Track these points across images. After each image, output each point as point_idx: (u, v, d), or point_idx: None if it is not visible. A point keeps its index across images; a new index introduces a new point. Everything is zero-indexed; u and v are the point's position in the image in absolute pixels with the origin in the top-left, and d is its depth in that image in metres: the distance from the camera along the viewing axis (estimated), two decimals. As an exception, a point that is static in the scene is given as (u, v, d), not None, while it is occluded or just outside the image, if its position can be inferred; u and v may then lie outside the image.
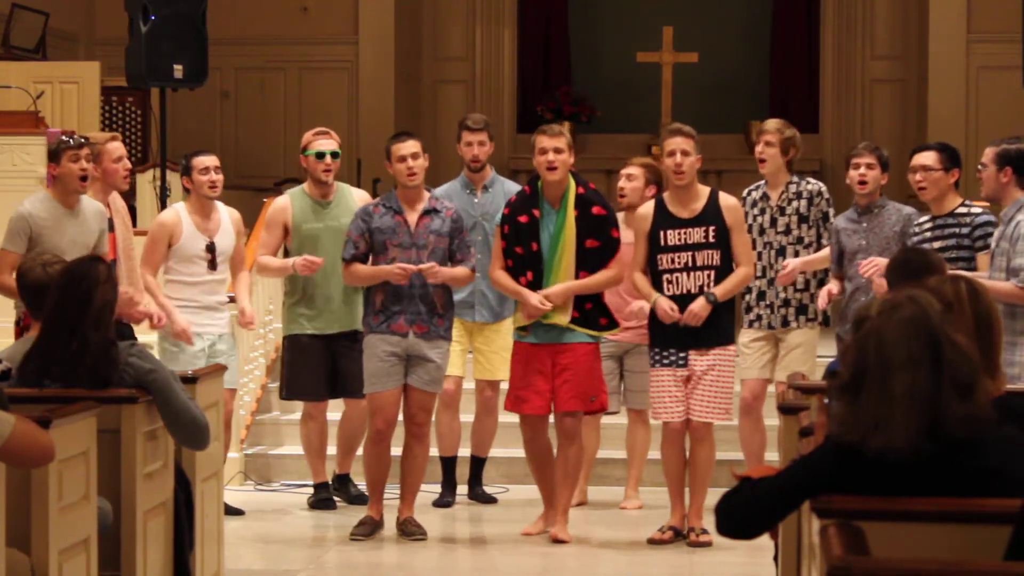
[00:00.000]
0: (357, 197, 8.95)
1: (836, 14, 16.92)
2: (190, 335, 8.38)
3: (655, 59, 15.98)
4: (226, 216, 8.71)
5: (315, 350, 8.77)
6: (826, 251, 8.37)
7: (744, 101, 16.77)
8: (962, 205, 7.65)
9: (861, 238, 8.18)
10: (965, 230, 7.56)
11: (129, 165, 8.38)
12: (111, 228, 8.22)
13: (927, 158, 7.70)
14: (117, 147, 8.28)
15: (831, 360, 6.06)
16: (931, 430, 3.53)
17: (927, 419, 3.53)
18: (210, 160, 8.60)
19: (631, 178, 8.75)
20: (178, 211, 8.67)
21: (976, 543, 3.43)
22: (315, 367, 8.77)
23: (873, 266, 7.69)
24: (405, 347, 8.01)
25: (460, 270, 8.08)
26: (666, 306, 7.86)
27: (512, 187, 9.04)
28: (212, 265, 8.58)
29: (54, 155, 7.89)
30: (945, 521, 3.46)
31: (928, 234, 7.68)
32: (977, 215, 7.59)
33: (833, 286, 8.20)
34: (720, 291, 7.87)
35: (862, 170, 8.20)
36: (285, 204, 8.89)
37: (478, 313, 8.82)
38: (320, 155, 8.79)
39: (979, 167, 7.33)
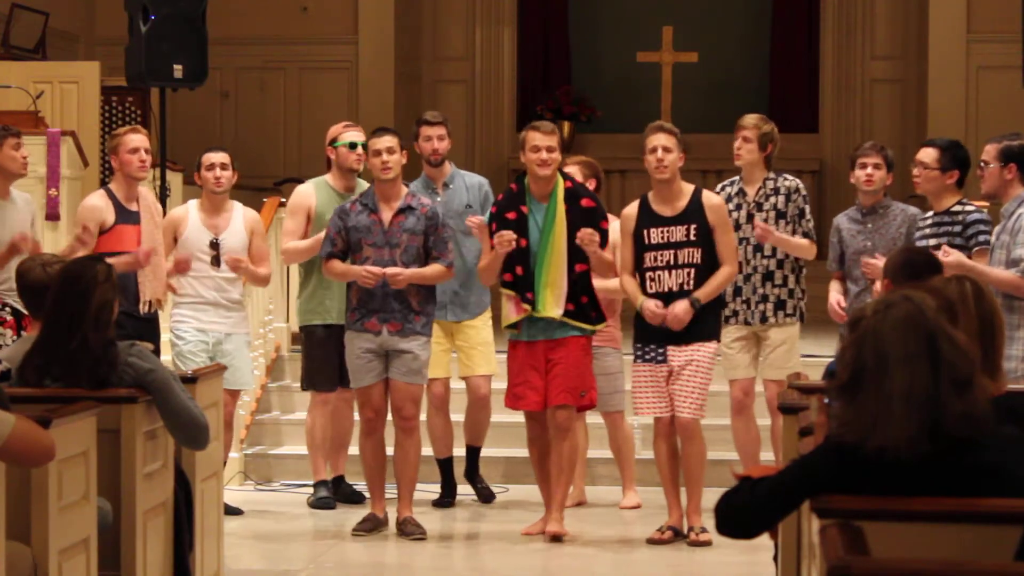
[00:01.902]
0: None
1: (836, 14, 16.93)
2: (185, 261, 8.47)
3: (655, 59, 15.99)
4: (239, 216, 8.73)
5: (329, 341, 8.79)
6: (796, 240, 8.36)
7: (744, 101, 16.72)
8: (958, 203, 7.66)
9: (866, 239, 8.16)
10: (958, 228, 7.57)
11: (145, 158, 8.38)
12: (136, 221, 8.26)
13: (927, 155, 7.71)
14: (134, 138, 8.34)
15: (830, 359, 6.06)
16: (930, 428, 3.54)
17: (926, 416, 3.54)
18: (217, 157, 8.65)
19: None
20: (188, 206, 8.78)
21: (976, 543, 3.43)
22: (330, 358, 8.80)
23: (873, 265, 7.73)
24: (380, 343, 8.03)
25: (430, 269, 8.07)
26: (652, 306, 7.87)
27: (473, 179, 9.06)
28: (215, 262, 8.60)
29: None
30: (945, 521, 3.46)
31: (928, 231, 7.70)
32: (969, 213, 7.59)
33: (838, 295, 8.15)
34: (703, 294, 7.86)
35: (869, 170, 8.18)
36: (309, 192, 8.92)
37: (451, 312, 8.82)
38: (353, 145, 8.85)
39: (980, 165, 7.32)
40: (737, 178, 8.53)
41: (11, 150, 8.12)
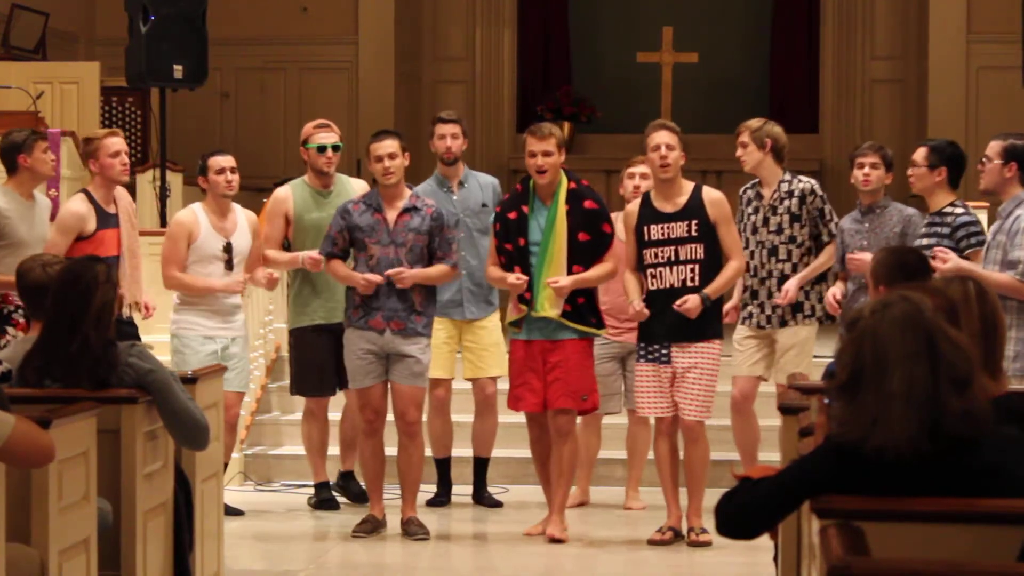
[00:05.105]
0: (356, 187, 8.95)
1: (836, 14, 16.93)
2: (240, 283, 8.52)
3: (655, 59, 15.98)
4: (243, 217, 8.71)
5: (321, 344, 8.76)
6: (818, 260, 8.38)
7: (744, 101, 16.77)
8: (950, 205, 7.67)
9: (863, 238, 8.19)
10: (946, 230, 7.57)
11: (127, 160, 8.43)
12: (116, 224, 8.28)
13: (917, 154, 7.81)
14: (114, 142, 8.35)
15: (830, 360, 6.05)
16: (930, 428, 3.53)
17: (926, 416, 3.53)
18: (226, 160, 8.63)
19: (645, 176, 8.61)
20: (195, 210, 8.66)
21: (976, 543, 3.43)
22: (321, 362, 8.77)
23: (858, 261, 7.82)
24: (382, 344, 8.03)
25: (435, 269, 8.08)
26: (637, 308, 7.86)
27: (486, 179, 9.07)
28: (229, 265, 8.57)
29: (24, 146, 8.21)
30: (945, 521, 3.46)
31: (922, 229, 7.75)
32: (959, 215, 7.60)
33: (837, 289, 8.18)
34: (712, 290, 7.86)
35: (866, 170, 8.22)
36: (286, 195, 8.90)
37: (467, 310, 8.82)
38: (321, 148, 8.82)
39: (982, 160, 7.32)
40: (757, 180, 8.52)
41: (41, 153, 8.24)
